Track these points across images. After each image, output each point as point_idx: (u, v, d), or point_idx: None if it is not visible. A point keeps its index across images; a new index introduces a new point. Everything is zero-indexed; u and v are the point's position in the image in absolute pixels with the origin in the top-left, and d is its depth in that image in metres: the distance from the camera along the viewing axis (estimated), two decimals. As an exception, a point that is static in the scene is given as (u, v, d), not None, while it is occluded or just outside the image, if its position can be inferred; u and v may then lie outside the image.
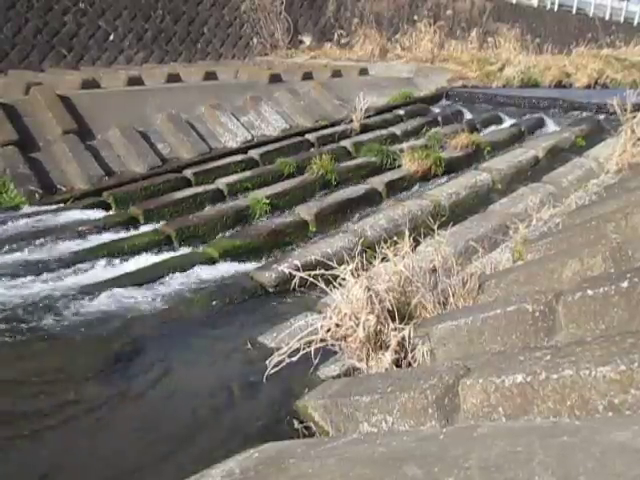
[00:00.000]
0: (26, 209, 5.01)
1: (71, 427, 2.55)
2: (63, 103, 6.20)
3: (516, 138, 7.46)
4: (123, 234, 4.61)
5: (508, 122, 8.28)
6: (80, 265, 3.99)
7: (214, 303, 3.61)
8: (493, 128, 8.07)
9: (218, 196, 5.49)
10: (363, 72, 10.01)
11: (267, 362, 2.62)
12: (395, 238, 3.17)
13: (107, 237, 4.52)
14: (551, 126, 8.00)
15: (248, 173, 5.92)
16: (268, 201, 5.17)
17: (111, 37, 10.96)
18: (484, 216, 4.54)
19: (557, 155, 6.49)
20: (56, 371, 2.95)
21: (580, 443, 1.13)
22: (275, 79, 8.31)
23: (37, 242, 4.30)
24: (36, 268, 3.90)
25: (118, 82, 7.40)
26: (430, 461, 1.26)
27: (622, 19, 21.77)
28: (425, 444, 1.40)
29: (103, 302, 3.56)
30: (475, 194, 5.40)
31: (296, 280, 2.88)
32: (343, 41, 13.77)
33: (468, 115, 8.60)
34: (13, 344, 3.12)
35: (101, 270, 3.99)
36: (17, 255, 4.10)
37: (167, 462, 2.34)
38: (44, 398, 2.73)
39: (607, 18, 21.15)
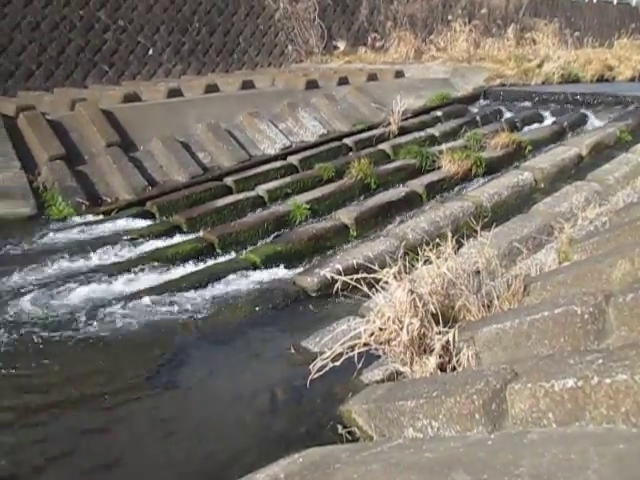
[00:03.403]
0: (74, 220, 5.18)
1: (118, 431, 2.62)
2: (106, 117, 6.40)
3: (558, 136, 7.27)
4: (167, 242, 4.70)
5: (549, 120, 8.07)
6: (126, 273, 4.10)
7: (257, 308, 3.65)
8: (534, 126, 7.88)
9: (259, 202, 5.55)
10: (399, 75, 9.96)
11: (310, 366, 2.63)
12: (437, 240, 3.14)
13: (151, 245, 4.63)
14: (594, 122, 7.76)
15: (288, 179, 5.97)
16: (308, 206, 5.20)
17: (150, 52, 11.25)
18: (527, 216, 4.44)
19: (602, 152, 6.29)
20: (103, 376, 3.04)
21: (638, 451, 1.10)
22: (311, 85, 8.36)
23: (84, 251, 4.44)
24: (84, 276, 4.02)
25: (158, 95, 7.59)
26: (479, 467, 1.24)
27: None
28: (473, 450, 1.38)
29: (148, 309, 3.64)
30: (517, 194, 5.29)
31: (338, 284, 2.88)
32: (377, 45, 13.73)
33: (507, 114, 8.44)
34: (61, 350, 3.22)
35: (146, 278, 4.08)
36: (66, 264, 4.24)
37: (212, 466, 2.38)
38: (91, 403, 2.81)
39: (651, 7, 20.43)
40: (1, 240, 4.65)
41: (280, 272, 4.19)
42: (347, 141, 7.08)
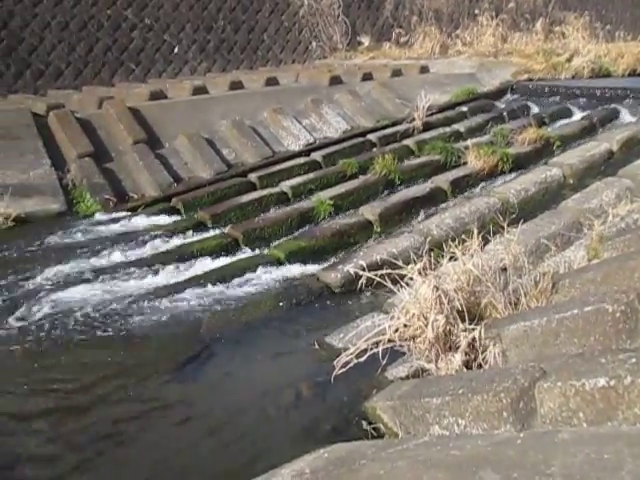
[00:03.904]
0: (101, 216, 5.26)
1: (147, 423, 2.65)
2: (133, 115, 6.48)
3: (588, 131, 7.11)
4: (192, 238, 4.75)
5: (578, 115, 7.90)
6: (152, 268, 4.14)
7: (281, 304, 3.65)
8: (562, 122, 7.73)
9: (282, 199, 5.57)
10: (424, 70, 9.87)
11: (335, 362, 2.62)
12: (462, 237, 3.10)
13: (177, 241, 4.68)
14: (626, 117, 7.56)
15: (311, 175, 5.97)
16: (332, 202, 5.19)
17: (175, 50, 11.36)
18: (556, 213, 4.36)
19: (633, 147, 6.13)
20: (132, 369, 3.08)
21: (674, 451, 1.06)
22: (335, 81, 8.33)
23: (112, 247, 4.51)
24: (111, 272, 4.09)
25: (183, 92, 7.65)
26: (508, 466, 1.22)
27: None
28: (501, 449, 1.36)
29: (174, 304, 3.68)
30: (545, 190, 5.19)
31: (362, 280, 2.87)
32: (402, 40, 13.62)
33: (535, 109, 8.29)
34: (92, 344, 3.28)
35: (171, 273, 4.12)
36: (94, 260, 4.31)
37: (237, 460, 2.39)
38: (121, 395, 2.86)
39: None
40: (34, 236, 4.75)
41: (304, 268, 4.19)
42: (371, 137, 7.04)
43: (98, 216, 5.27)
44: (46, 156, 5.73)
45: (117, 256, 4.39)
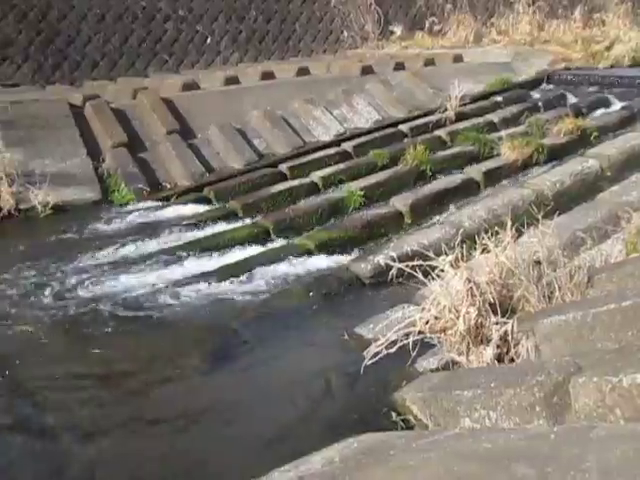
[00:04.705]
0: (135, 205, 5.37)
1: (179, 411, 2.71)
2: (166, 105, 6.56)
3: (627, 121, 6.90)
4: (223, 227, 4.80)
5: (617, 105, 7.67)
6: (184, 257, 4.21)
7: (311, 294, 3.67)
8: (601, 112, 7.52)
9: (313, 189, 5.57)
10: (457, 59, 9.70)
11: (364, 353, 2.63)
12: (495, 229, 3.06)
13: (208, 230, 4.74)
14: (668, 107, 7.31)
15: (342, 166, 5.95)
16: (362, 193, 5.17)
17: (208, 40, 11.42)
18: (592, 205, 4.25)
19: (676, 138, 5.93)
20: (163, 358, 3.16)
21: None
22: (367, 71, 8.26)
23: (145, 236, 4.60)
24: (144, 260, 4.17)
25: (216, 82, 7.70)
26: (542, 461, 1.21)
27: None
28: (535, 443, 1.34)
29: (205, 292, 3.73)
30: (582, 182, 5.06)
31: (393, 271, 2.85)
32: (435, 29, 13.39)
33: (572, 99, 8.07)
34: (124, 331, 3.37)
35: (203, 262, 4.18)
36: (127, 248, 4.41)
37: (268, 448, 2.42)
38: (153, 383, 2.93)
39: None
40: (71, 224, 4.90)
41: (334, 258, 4.19)
42: (402, 127, 6.97)
43: (132, 205, 5.37)
44: (82, 146, 5.86)
45: (150, 244, 4.47)
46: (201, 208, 5.25)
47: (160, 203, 5.39)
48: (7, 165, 5.24)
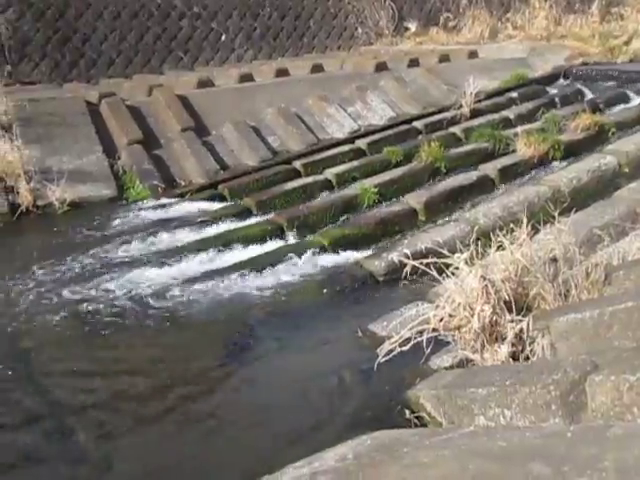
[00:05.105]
0: (150, 202, 5.41)
1: (194, 408, 2.73)
2: (181, 102, 6.60)
3: (646, 117, 6.80)
4: (237, 224, 4.82)
5: (636, 100, 7.55)
6: (198, 254, 4.23)
7: (325, 291, 3.67)
8: (619, 107, 7.41)
9: (327, 186, 5.57)
10: (472, 55, 9.63)
11: (378, 350, 2.62)
12: (511, 226, 3.03)
13: (223, 227, 4.76)
14: (688, 103, 7.20)
15: (356, 163, 5.94)
16: (376, 190, 5.16)
17: (223, 37, 11.46)
18: (610, 202, 4.20)
19: (696, 134, 5.83)
20: (180, 353, 3.18)
21: None
22: (381, 68, 8.24)
23: (159, 232, 4.63)
24: (159, 256, 4.20)
25: (230, 80, 7.73)
26: (558, 459, 1.20)
27: None
28: (551, 441, 1.33)
29: (219, 289, 3.75)
30: (599, 179, 5.00)
31: (407, 269, 2.84)
32: (450, 25, 13.29)
33: (589, 94, 7.97)
34: (141, 327, 3.39)
35: (217, 259, 4.20)
36: (143, 244, 4.44)
37: (281, 444, 2.43)
38: (169, 378, 2.95)
39: None
40: (87, 220, 4.96)
41: (348, 255, 4.19)
42: (417, 124, 6.94)
43: (147, 202, 5.41)
44: (98, 143, 5.92)
45: (165, 241, 4.51)
46: (215, 205, 5.28)
47: (175, 200, 5.42)
48: (25, 162, 5.32)
